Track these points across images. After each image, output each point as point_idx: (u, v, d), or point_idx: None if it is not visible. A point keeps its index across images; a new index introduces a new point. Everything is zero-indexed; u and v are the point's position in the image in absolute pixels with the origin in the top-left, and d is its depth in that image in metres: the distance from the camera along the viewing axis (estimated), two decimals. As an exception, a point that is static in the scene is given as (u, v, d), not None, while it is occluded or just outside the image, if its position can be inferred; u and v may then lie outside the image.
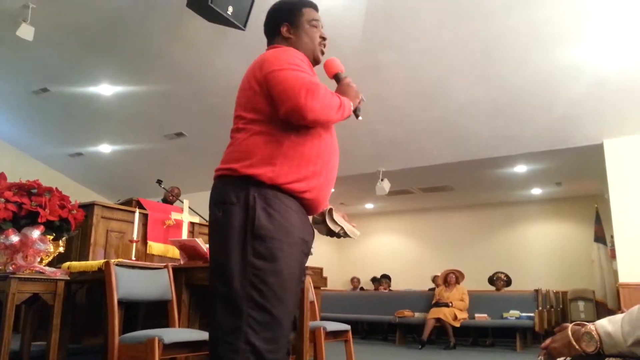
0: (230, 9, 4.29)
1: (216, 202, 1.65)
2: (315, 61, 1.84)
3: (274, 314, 1.50)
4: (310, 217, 1.81)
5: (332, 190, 1.86)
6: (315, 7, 1.88)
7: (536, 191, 9.43)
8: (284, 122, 1.60)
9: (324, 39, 1.86)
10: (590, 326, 1.12)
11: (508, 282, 8.25)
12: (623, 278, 6.11)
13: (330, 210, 1.85)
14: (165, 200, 5.94)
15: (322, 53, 1.86)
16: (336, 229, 1.85)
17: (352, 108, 1.71)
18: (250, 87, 1.67)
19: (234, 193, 1.60)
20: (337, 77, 1.82)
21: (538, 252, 9.79)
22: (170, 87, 6.61)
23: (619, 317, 1.10)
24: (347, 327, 3.64)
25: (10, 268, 2.77)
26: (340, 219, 1.87)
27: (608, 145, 6.41)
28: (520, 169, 7.89)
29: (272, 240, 1.54)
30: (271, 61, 1.63)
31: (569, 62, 5.25)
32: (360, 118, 1.81)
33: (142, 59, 6.05)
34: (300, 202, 1.64)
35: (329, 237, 1.92)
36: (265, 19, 1.90)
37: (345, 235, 1.89)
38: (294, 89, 1.53)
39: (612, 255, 7.21)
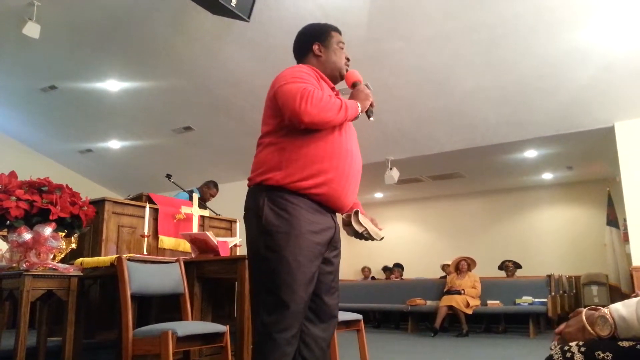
0: (234, 1, 4.28)
1: (244, 211, 1.91)
2: (341, 77, 2.07)
3: (282, 298, 1.72)
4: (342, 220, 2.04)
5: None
6: (340, 32, 2.13)
7: (547, 176, 9.36)
8: (288, 131, 1.83)
9: (348, 59, 2.10)
10: (605, 310, 1.11)
11: (517, 267, 8.28)
12: (636, 261, 6.07)
13: (356, 212, 2.00)
14: (202, 198, 5.74)
15: (347, 72, 2.07)
16: (360, 230, 1.99)
17: (360, 109, 1.90)
18: (266, 103, 1.93)
19: (251, 200, 1.88)
20: (353, 85, 2.02)
21: (550, 237, 9.73)
22: (176, 81, 6.62)
23: (633, 301, 1.09)
24: (359, 316, 3.64)
25: (24, 265, 2.79)
26: (365, 221, 2.01)
27: (619, 127, 6.34)
28: (531, 154, 7.82)
29: (277, 234, 1.76)
30: (279, 78, 1.87)
31: (577, 46, 5.18)
32: (372, 119, 2.02)
33: (148, 54, 6.06)
34: (311, 199, 1.83)
35: (355, 238, 2.07)
36: (295, 38, 2.13)
37: (369, 236, 2.02)
38: (291, 98, 1.75)
39: (625, 239, 7.16)
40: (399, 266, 10.18)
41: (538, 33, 5.07)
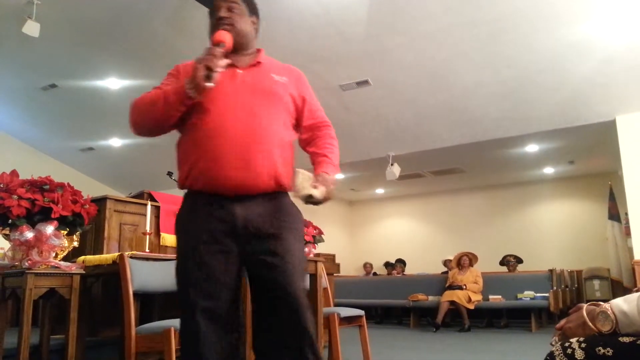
0: (233, -2, 4.26)
1: None
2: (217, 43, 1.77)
3: (178, 293, 1.71)
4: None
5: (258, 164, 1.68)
6: None
7: (549, 170, 9.35)
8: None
9: (220, 19, 1.89)
10: (606, 305, 1.11)
11: (519, 261, 8.30)
12: (638, 255, 6.07)
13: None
14: None
15: (219, 29, 1.85)
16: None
17: (191, 86, 1.63)
18: None
19: None
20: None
21: (552, 231, 9.73)
22: (177, 79, 6.60)
23: (634, 296, 1.09)
24: (361, 312, 3.65)
25: (26, 264, 2.80)
26: (301, 180, 1.63)
27: (620, 121, 6.33)
28: (532, 148, 7.81)
29: (175, 233, 1.83)
30: None
31: (577, 40, 5.16)
32: (212, 84, 1.62)
33: (148, 51, 6.05)
34: (202, 193, 1.72)
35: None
36: None
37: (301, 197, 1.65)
38: None
39: (627, 233, 7.16)
40: (400, 262, 10.20)
41: (538, 27, 5.05)
